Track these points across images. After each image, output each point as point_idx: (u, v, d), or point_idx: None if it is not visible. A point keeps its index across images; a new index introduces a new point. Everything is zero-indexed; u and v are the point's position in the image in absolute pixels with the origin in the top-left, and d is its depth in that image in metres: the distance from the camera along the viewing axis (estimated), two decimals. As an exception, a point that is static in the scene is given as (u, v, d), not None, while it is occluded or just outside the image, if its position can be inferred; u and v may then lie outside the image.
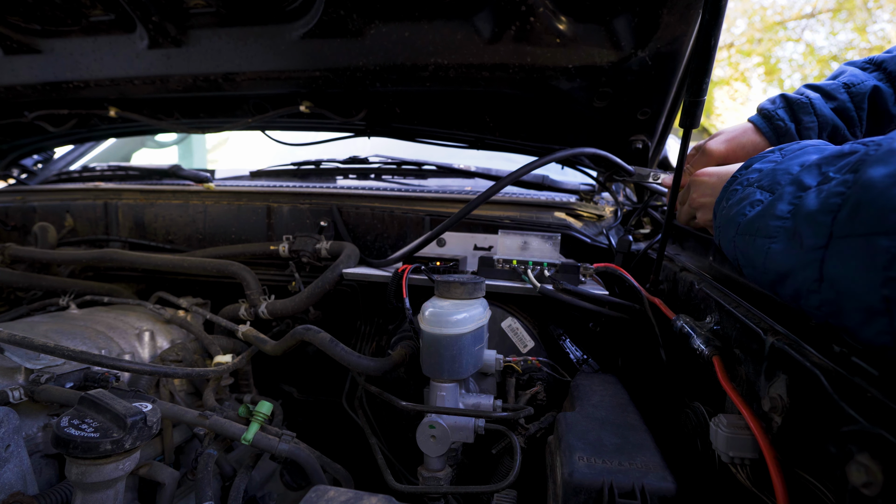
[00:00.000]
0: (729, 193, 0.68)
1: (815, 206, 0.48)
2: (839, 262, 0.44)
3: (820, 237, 0.46)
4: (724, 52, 11.12)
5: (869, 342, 0.42)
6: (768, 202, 0.57)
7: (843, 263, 0.43)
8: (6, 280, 1.39)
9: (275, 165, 1.91)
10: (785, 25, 11.15)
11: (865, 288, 0.41)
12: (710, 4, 0.73)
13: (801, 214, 0.50)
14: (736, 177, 0.69)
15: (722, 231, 0.67)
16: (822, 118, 0.97)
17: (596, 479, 0.59)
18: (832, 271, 0.44)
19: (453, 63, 1.10)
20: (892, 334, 0.40)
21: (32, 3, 1.13)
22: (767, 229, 0.54)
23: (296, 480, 0.96)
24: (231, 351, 1.24)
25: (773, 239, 0.53)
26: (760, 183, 0.62)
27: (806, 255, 0.47)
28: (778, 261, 0.52)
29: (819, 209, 0.47)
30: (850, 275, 0.42)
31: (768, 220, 0.55)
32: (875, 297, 0.40)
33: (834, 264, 0.44)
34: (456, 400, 0.93)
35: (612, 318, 1.03)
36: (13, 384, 0.86)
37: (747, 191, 0.63)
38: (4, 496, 0.71)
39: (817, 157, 0.55)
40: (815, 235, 0.46)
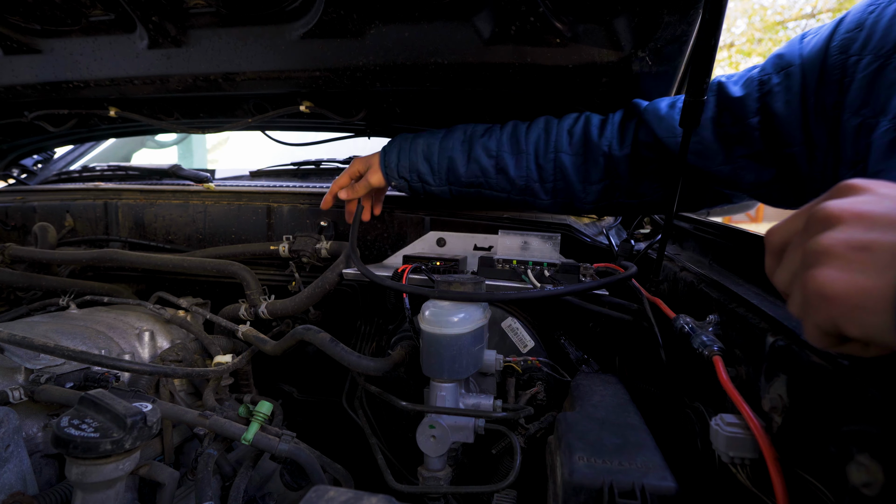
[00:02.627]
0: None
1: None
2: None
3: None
4: (724, 52, 11.11)
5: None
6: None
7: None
8: (6, 280, 1.39)
9: (275, 165, 1.91)
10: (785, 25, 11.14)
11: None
12: (710, 4, 0.73)
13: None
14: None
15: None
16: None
17: (596, 479, 0.59)
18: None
19: (453, 63, 1.10)
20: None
21: (32, 3, 1.13)
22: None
23: (296, 480, 0.96)
24: (231, 351, 1.24)
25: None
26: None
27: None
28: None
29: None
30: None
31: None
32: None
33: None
34: (456, 400, 0.93)
35: (612, 317, 1.03)
36: (13, 384, 0.86)
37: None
38: (4, 496, 0.71)
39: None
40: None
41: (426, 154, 1.15)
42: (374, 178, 1.20)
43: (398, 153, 1.18)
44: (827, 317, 0.39)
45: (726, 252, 0.99)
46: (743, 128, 0.90)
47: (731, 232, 1.01)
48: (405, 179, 1.19)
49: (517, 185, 1.11)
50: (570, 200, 1.11)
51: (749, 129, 0.89)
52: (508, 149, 1.10)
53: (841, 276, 0.38)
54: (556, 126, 1.10)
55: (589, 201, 1.10)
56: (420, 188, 1.20)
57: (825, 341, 0.41)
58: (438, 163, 1.15)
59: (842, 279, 0.38)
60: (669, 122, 0.97)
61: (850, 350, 0.41)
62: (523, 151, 1.09)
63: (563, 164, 1.07)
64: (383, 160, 1.19)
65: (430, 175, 1.16)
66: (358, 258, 1.13)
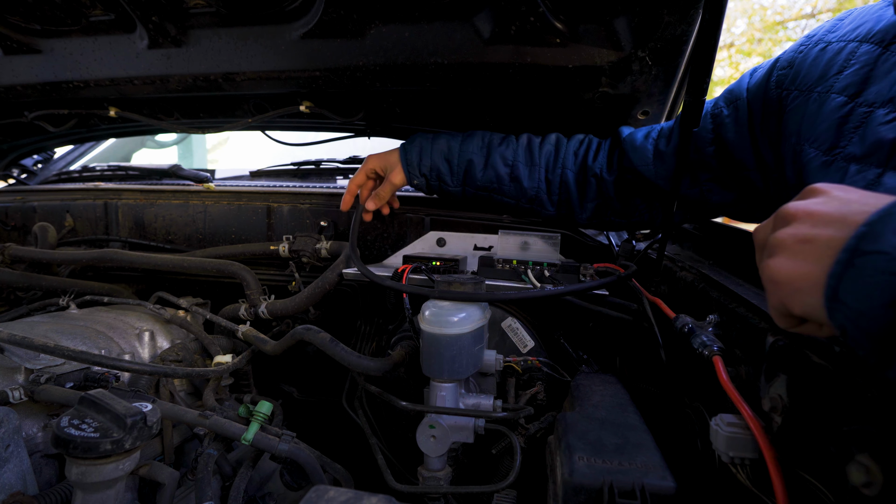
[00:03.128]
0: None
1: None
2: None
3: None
4: (724, 52, 11.10)
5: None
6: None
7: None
8: (6, 280, 1.39)
9: (275, 165, 1.91)
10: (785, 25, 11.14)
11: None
12: (710, 4, 0.73)
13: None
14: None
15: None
16: None
17: (596, 479, 0.59)
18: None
19: (453, 63, 1.10)
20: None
21: (32, 3, 1.13)
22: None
23: (296, 480, 0.96)
24: (231, 351, 1.24)
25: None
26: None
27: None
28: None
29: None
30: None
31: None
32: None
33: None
34: (456, 400, 0.93)
35: (612, 317, 1.03)
36: (13, 384, 0.86)
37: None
38: (4, 496, 0.71)
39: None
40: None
41: (447, 155, 1.20)
42: (398, 178, 1.23)
43: (419, 152, 1.21)
44: (777, 299, 0.47)
45: (726, 252, 0.99)
46: (702, 156, 1.00)
47: (731, 232, 1.01)
48: (425, 178, 1.22)
49: (528, 195, 1.18)
50: (570, 213, 1.19)
51: (707, 157, 1.00)
52: (523, 160, 1.17)
53: (786, 264, 0.45)
54: (564, 145, 1.17)
55: (585, 217, 1.18)
56: (437, 187, 1.24)
57: (785, 322, 0.48)
58: (458, 164, 1.19)
59: (787, 266, 0.45)
60: (643, 152, 1.06)
61: (806, 330, 0.47)
62: (536, 164, 1.16)
63: (567, 181, 1.15)
64: (405, 158, 1.22)
65: (448, 175, 1.20)
66: (358, 258, 1.13)
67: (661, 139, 1.06)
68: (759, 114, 0.91)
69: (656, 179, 1.05)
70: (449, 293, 0.92)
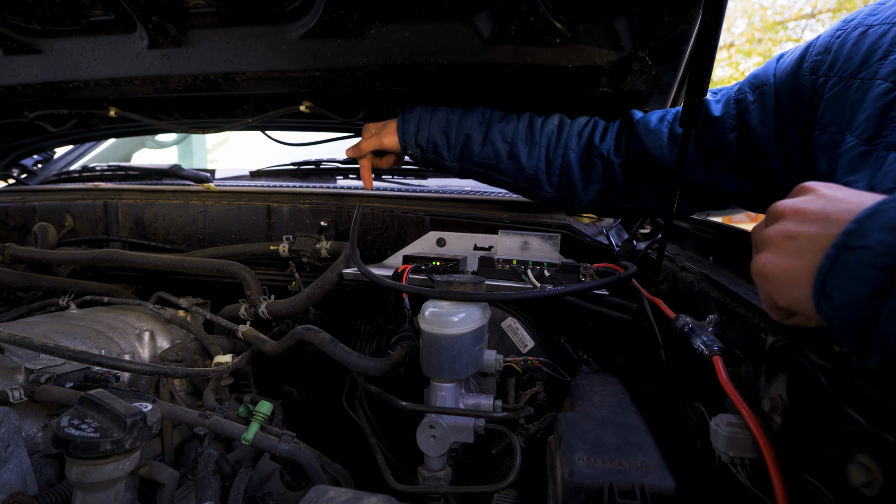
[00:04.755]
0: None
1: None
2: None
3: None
4: (724, 52, 11.10)
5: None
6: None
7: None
8: (6, 280, 1.39)
9: (275, 165, 1.91)
10: (785, 25, 11.14)
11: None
12: (710, 4, 0.73)
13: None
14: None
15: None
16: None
17: (596, 479, 0.59)
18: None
19: (453, 63, 1.10)
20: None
21: (32, 3, 1.13)
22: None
23: (296, 480, 0.96)
24: (231, 351, 1.24)
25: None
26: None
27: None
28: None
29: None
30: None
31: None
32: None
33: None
34: (456, 400, 0.93)
35: (612, 317, 1.03)
36: (13, 384, 0.86)
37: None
38: (4, 496, 0.71)
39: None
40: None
41: (444, 128, 1.18)
42: (389, 139, 1.22)
43: (418, 122, 1.20)
44: (765, 292, 0.50)
45: (726, 252, 0.99)
46: (722, 142, 0.97)
47: (731, 232, 1.01)
48: (420, 149, 1.21)
49: (526, 174, 1.16)
50: (570, 196, 1.16)
51: (728, 144, 0.96)
52: (523, 137, 1.15)
53: (773, 259, 0.48)
54: (568, 125, 1.15)
55: (587, 200, 1.16)
56: (433, 160, 1.22)
57: (776, 314, 0.51)
58: (455, 139, 1.18)
59: (773, 261, 0.48)
60: (657, 135, 1.04)
61: (796, 322, 0.49)
62: (536, 143, 1.14)
63: (569, 161, 1.13)
64: (402, 127, 1.21)
65: (445, 149, 1.19)
66: (358, 258, 1.13)
67: (675, 122, 1.03)
68: (787, 101, 0.87)
69: (669, 164, 1.03)
70: (449, 293, 0.92)
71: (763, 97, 0.90)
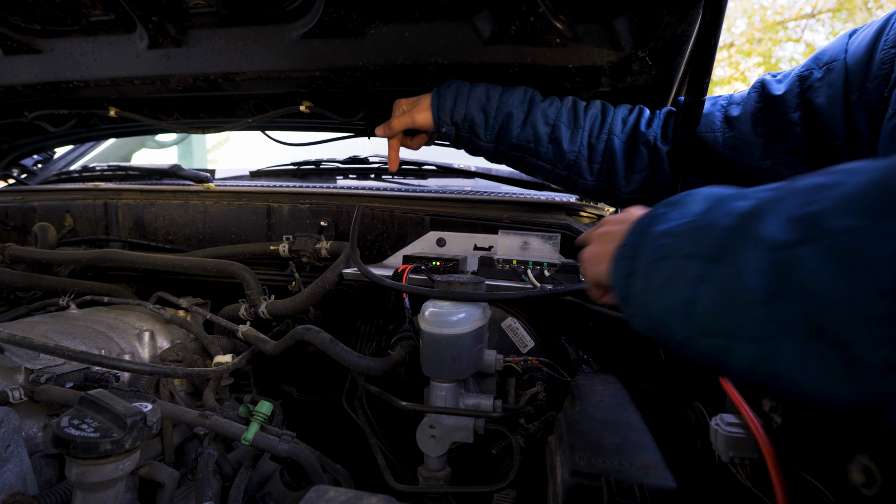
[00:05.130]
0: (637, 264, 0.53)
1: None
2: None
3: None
4: (724, 52, 11.10)
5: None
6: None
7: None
8: (6, 280, 1.39)
9: (275, 165, 1.91)
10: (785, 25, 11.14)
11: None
12: (710, 4, 0.74)
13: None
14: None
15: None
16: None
17: (596, 479, 0.59)
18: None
19: (453, 63, 1.09)
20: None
21: (32, 3, 1.13)
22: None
23: (296, 480, 0.96)
24: (231, 351, 1.24)
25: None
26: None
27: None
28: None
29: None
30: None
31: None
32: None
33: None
34: (456, 400, 0.93)
35: (612, 317, 1.03)
36: (13, 384, 0.86)
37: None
38: (4, 496, 0.71)
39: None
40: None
41: (484, 105, 1.09)
42: (422, 116, 1.12)
43: (455, 97, 1.10)
44: (586, 273, 0.70)
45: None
46: (784, 123, 0.90)
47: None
48: (455, 126, 1.12)
49: (566, 159, 1.08)
50: (611, 186, 1.10)
51: (790, 125, 0.89)
52: (566, 120, 1.08)
53: (591, 249, 0.69)
54: (612, 111, 1.09)
55: (628, 190, 1.09)
56: (467, 139, 1.13)
57: (593, 292, 0.73)
58: (495, 117, 1.09)
59: (590, 249, 0.69)
60: (710, 118, 0.97)
61: (608, 299, 0.69)
62: (581, 127, 1.07)
63: (613, 148, 1.06)
64: (437, 101, 1.11)
65: (482, 128, 1.10)
66: (358, 258, 1.13)
67: (731, 105, 0.97)
68: (860, 78, 0.80)
69: (722, 148, 0.97)
70: (449, 293, 0.92)
71: (831, 73, 0.84)
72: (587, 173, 1.09)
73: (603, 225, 0.69)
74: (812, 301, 0.35)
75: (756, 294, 0.37)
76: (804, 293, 0.35)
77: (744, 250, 0.40)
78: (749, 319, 0.38)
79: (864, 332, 0.33)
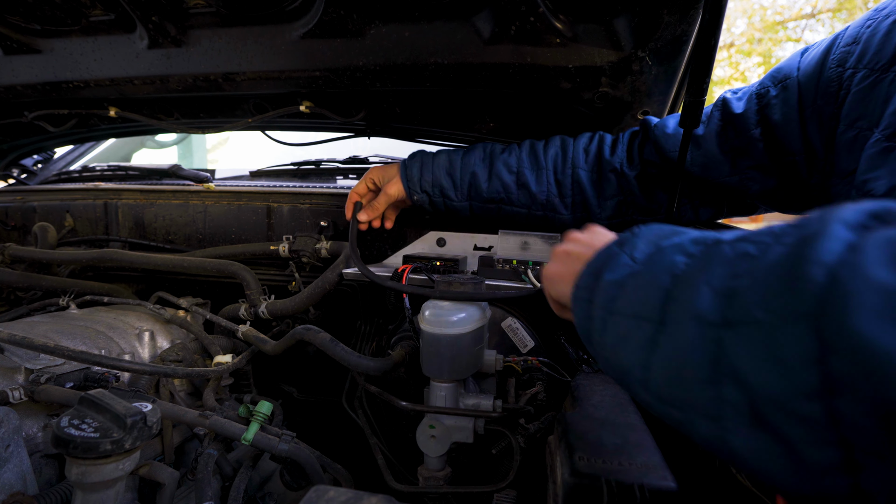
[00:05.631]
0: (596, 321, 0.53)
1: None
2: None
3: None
4: (724, 52, 11.11)
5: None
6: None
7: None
8: (6, 280, 1.39)
9: (275, 165, 1.91)
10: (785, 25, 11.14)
11: None
12: (710, 4, 0.74)
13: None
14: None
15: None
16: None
17: (596, 479, 0.59)
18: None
19: (453, 63, 1.10)
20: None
21: (32, 3, 1.13)
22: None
23: (296, 480, 0.96)
24: (231, 351, 1.24)
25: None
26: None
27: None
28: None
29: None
30: None
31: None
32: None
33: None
34: (456, 400, 0.93)
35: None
36: (13, 384, 0.86)
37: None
38: (4, 496, 0.71)
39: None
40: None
41: (448, 169, 1.16)
42: (394, 188, 1.19)
43: (420, 167, 1.17)
44: (547, 290, 0.71)
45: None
46: (746, 140, 0.93)
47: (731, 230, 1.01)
48: (427, 194, 1.18)
49: (538, 200, 1.12)
50: (587, 215, 1.13)
51: (752, 141, 0.93)
52: (528, 164, 1.12)
53: (553, 266, 0.70)
54: (572, 144, 1.13)
55: (604, 217, 1.12)
56: (441, 203, 1.19)
57: (554, 307, 0.73)
58: (461, 178, 1.15)
59: (553, 268, 0.70)
60: (676, 139, 1.00)
61: (567, 315, 0.66)
62: (543, 167, 1.11)
63: (580, 180, 1.10)
64: (405, 173, 1.18)
65: (452, 190, 1.16)
66: (358, 258, 1.13)
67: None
68: (811, 95, 0.83)
69: (691, 167, 1.00)
70: (449, 293, 0.92)
71: (786, 91, 0.87)
72: (562, 209, 1.13)
73: (567, 241, 0.70)
74: (749, 390, 0.33)
75: (701, 372, 0.36)
76: (741, 380, 0.33)
77: (683, 321, 0.38)
78: (701, 397, 0.36)
79: (802, 432, 0.31)
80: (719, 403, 0.35)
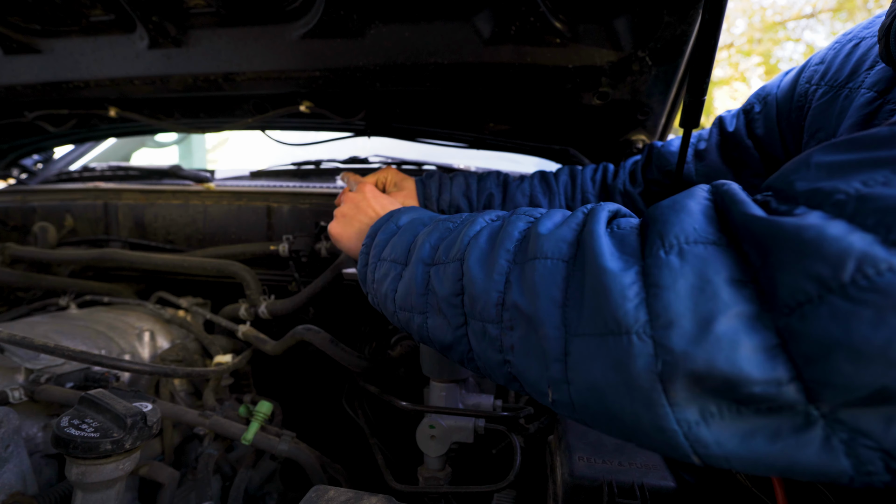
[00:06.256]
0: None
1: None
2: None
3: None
4: (724, 52, 11.11)
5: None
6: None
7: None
8: (6, 280, 1.39)
9: (275, 165, 1.91)
10: (785, 25, 11.15)
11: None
12: (710, 4, 0.73)
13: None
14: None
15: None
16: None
17: (596, 479, 0.59)
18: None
19: (453, 63, 1.10)
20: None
21: (32, 3, 1.13)
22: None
23: (296, 480, 0.96)
24: (231, 351, 1.24)
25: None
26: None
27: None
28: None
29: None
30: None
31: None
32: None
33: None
34: (456, 400, 0.93)
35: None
36: (13, 384, 0.86)
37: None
38: (4, 496, 0.71)
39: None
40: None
41: (465, 191, 1.19)
42: (408, 202, 1.18)
43: (439, 186, 1.19)
44: (336, 244, 0.87)
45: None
46: (743, 150, 1.00)
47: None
48: (442, 213, 1.19)
49: None
50: None
51: (748, 151, 0.99)
52: (541, 190, 1.17)
53: (336, 228, 0.86)
54: (579, 172, 1.18)
55: None
56: None
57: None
58: (477, 199, 1.19)
59: (336, 228, 0.86)
60: (676, 155, 1.05)
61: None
62: (555, 192, 1.17)
63: (589, 203, 1.14)
64: (422, 191, 1.18)
65: (468, 211, 1.18)
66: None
67: (700, 141, 1.07)
68: (786, 110, 0.92)
69: (696, 179, 1.05)
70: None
71: (766, 106, 0.95)
72: None
73: (343, 202, 0.88)
74: (436, 295, 0.58)
75: (419, 288, 0.61)
76: (435, 291, 0.59)
77: (415, 263, 0.63)
78: (418, 303, 0.61)
79: (453, 313, 0.56)
80: (425, 304, 0.60)
